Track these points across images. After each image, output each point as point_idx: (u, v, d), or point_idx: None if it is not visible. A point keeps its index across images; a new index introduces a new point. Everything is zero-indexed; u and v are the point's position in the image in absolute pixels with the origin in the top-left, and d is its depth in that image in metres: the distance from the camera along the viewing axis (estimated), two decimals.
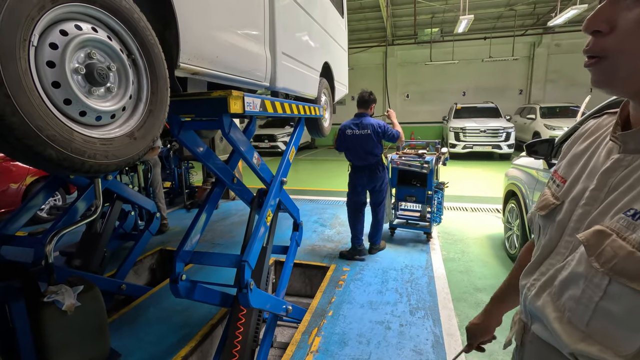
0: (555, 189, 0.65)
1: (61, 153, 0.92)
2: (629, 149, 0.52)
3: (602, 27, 0.48)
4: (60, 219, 2.33)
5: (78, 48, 0.98)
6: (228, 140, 1.73)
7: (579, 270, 0.52)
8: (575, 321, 0.53)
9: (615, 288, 0.47)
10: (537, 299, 0.60)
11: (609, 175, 0.54)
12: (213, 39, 1.58)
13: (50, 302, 1.59)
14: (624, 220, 0.48)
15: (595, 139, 0.63)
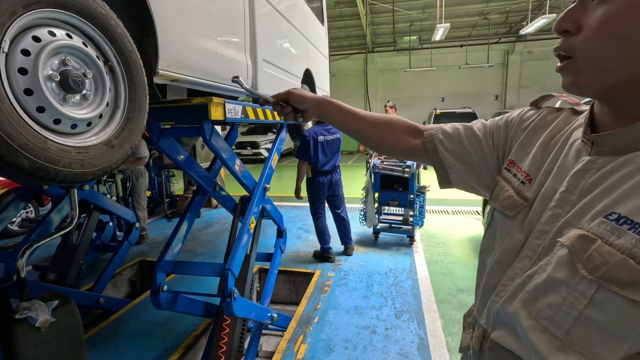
0: (520, 186, 0.63)
1: (34, 162, 0.89)
2: (602, 151, 0.52)
3: (570, 27, 0.50)
4: (33, 232, 2.23)
5: (52, 55, 0.95)
6: (209, 147, 1.72)
7: (559, 276, 0.50)
8: (552, 329, 0.51)
9: (602, 296, 0.46)
10: (509, 305, 0.58)
11: (580, 177, 0.53)
12: (193, 46, 1.57)
13: (23, 318, 1.52)
14: (606, 224, 0.47)
15: (558, 138, 0.62)
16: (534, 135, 0.66)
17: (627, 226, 0.44)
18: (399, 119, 0.86)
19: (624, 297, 0.43)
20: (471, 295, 2.84)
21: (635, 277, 0.43)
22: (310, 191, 3.52)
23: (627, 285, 0.43)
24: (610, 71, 0.47)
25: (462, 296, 2.86)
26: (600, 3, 0.46)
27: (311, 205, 3.56)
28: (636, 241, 0.43)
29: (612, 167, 0.50)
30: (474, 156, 0.75)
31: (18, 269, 1.70)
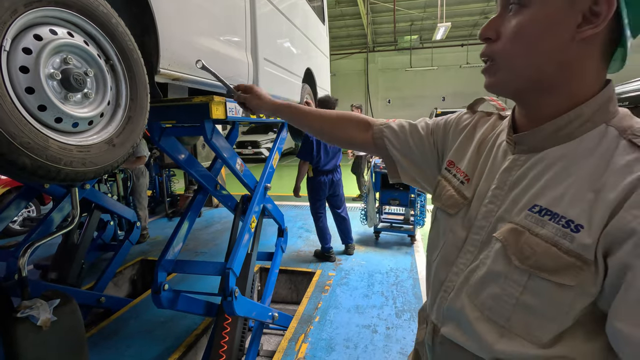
0: (460, 186, 0.67)
1: (36, 161, 0.89)
2: (522, 149, 0.58)
3: (492, 35, 0.55)
4: (35, 231, 2.24)
5: (53, 53, 0.95)
6: (210, 147, 1.72)
7: (497, 268, 0.55)
8: (495, 318, 0.55)
9: (534, 283, 0.51)
10: (456, 301, 0.61)
11: (507, 174, 0.58)
12: (194, 45, 1.57)
13: (25, 317, 1.52)
14: (531, 217, 0.52)
15: (488, 140, 0.67)
16: (470, 138, 0.71)
17: (548, 217, 0.50)
18: (351, 114, 0.93)
19: (552, 282, 0.49)
20: None
21: (559, 263, 0.48)
22: (310, 191, 3.51)
23: (553, 271, 0.49)
24: (521, 74, 0.54)
25: None
26: (514, 15, 0.52)
27: (312, 205, 3.54)
28: (556, 230, 0.49)
29: (531, 164, 0.56)
30: (416, 153, 0.81)
31: (19, 268, 1.70)
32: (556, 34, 0.50)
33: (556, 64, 0.51)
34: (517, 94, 0.57)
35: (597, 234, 0.46)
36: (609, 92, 0.53)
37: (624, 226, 0.44)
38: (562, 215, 0.49)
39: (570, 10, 0.48)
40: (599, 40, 0.50)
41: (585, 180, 0.49)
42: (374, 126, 0.87)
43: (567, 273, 0.48)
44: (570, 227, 0.48)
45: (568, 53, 0.50)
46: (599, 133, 0.52)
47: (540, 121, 0.55)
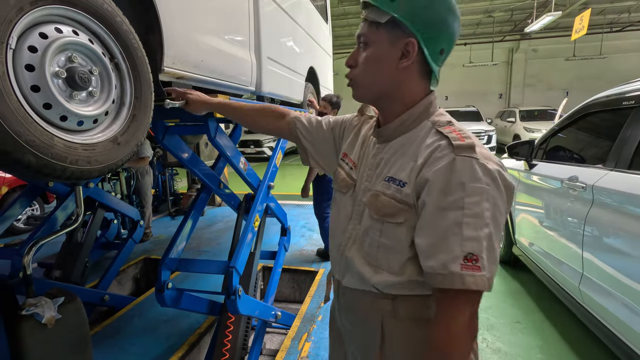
0: (350, 171, 0.90)
1: (41, 159, 0.89)
2: (380, 140, 0.84)
3: (352, 63, 0.81)
4: (39, 229, 2.25)
5: (58, 51, 0.95)
6: (214, 145, 1.71)
7: (367, 223, 0.80)
8: (371, 260, 0.79)
9: (385, 227, 0.76)
10: (349, 253, 0.84)
11: (375, 159, 0.83)
12: (198, 43, 1.57)
13: (29, 315, 1.53)
14: (383, 184, 0.77)
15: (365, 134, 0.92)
16: (357, 135, 0.95)
17: (392, 182, 0.75)
18: (270, 106, 1.15)
19: (393, 223, 0.74)
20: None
21: (396, 209, 0.73)
22: (318, 190, 3.47)
23: (393, 215, 0.74)
24: (369, 90, 0.80)
25: None
26: (362, 51, 0.78)
27: (318, 205, 3.49)
28: (395, 189, 0.74)
29: (386, 150, 0.81)
30: (321, 144, 1.04)
31: (24, 266, 1.71)
32: (385, 64, 0.75)
33: (390, 83, 0.77)
34: (372, 103, 0.86)
35: (412, 185, 0.71)
36: (429, 99, 0.79)
37: (423, 177, 0.69)
38: (398, 179, 0.74)
39: (393, 49, 0.74)
40: (415, 68, 0.75)
41: (411, 155, 0.75)
42: (288, 117, 1.09)
43: (400, 214, 0.73)
44: (401, 184, 0.74)
45: (396, 76, 0.76)
46: (423, 126, 0.77)
47: (389, 120, 0.81)
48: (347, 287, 0.87)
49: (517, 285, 2.97)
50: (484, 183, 0.64)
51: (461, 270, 0.62)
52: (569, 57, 13.29)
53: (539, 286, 2.90)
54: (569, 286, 2.14)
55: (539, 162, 2.67)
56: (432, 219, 0.66)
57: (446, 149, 0.68)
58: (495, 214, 0.64)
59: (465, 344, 0.64)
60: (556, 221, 2.33)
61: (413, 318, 0.77)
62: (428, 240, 0.67)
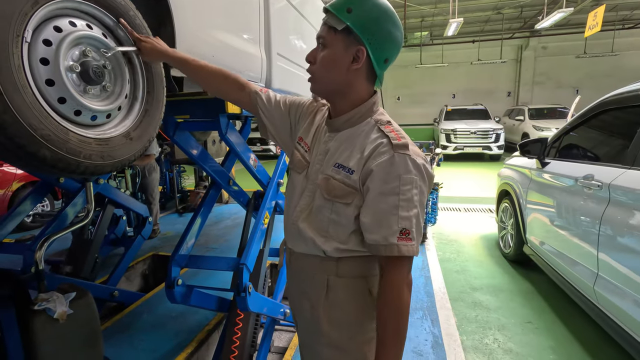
0: (304, 153, 1.02)
1: (56, 154, 0.89)
2: (330, 130, 0.98)
3: (312, 60, 0.93)
4: (50, 225, 2.26)
5: (73, 45, 0.95)
6: (225, 142, 1.71)
7: (319, 203, 0.94)
8: (322, 233, 0.94)
9: (336, 206, 0.91)
10: (302, 225, 0.97)
11: (325, 146, 0.97)
12: (209, 38, 1.56)
13: (42, 310, 1.53)
14: (333, 170, 0.91)
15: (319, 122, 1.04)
16: (312, 121, 1.06)
17: (341, 169, 0.90)
18: (230, 73, 1.17)
19: (342, 203, 0.90)
20: (485, 294, 2.80)
21: (344, 192, 0.89)
22: None
23: (342, 196, 0.90)
24: (325, 86, 0.94)
25: (477, 294, 2.82)
26: (321, 51, 0.91)
27: None
28: (344, 175, 0.89)
29: (335, 139, 0.96)
30: (278, 121, 1.12)
31: (36, 261, 1.72)
32: (338, 65, 0.89)
33: (341, 82, 0.90)
34: (326, 97, 0.99)
35: (359, 173, 0.87)
36: (374, 100, 0.95)
37: (368, 168, 0.85)
38: (347, 167, 0.89)
39: (346, 53, 0.87)
40: (363, 71, 0.90)
41: (358, 147, 0.90)
42: (247, 89, 1.13)
43: (348, 197, 0.89)
44: (349, 172, 0.89)
45: (347, 76, 0.90)
46: (366, 122, 0.93)
47: (339, 113, 0.95)
48: (299, 253, 1.02)
49: (527, 285, 2.93)
50: (413, 174, 0.83)
51: (398, 241, 0.82)
52: (579, 55, 13.08)
53: (550, 286, 2.86)
54: (582, 286, 2.10)
55: (551, 161, 2.63)
56: (374, 202, 0.84)
57: (387, 146, 0.85)
58: (421, 198, 0.85)
59: (406, 293, 0.85)
60: (570, 220, 2.29)
61: (352, 276, 0.96)
62: (371, 219, 0.85)
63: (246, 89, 1.14)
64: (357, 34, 0.84)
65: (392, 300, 0.85)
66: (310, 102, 1.11)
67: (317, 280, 0.99)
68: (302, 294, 1.05)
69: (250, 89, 1.13)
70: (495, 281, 3.00)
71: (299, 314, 1.09)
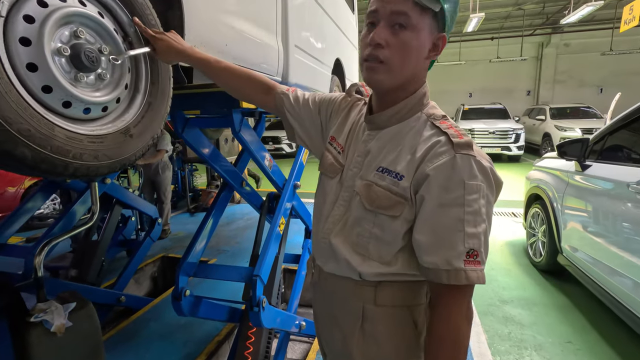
0: (337, 155, 0.88)
1: (38, 152, 0.74)
2: (371, 127, 0.82)
3: (382, 42, 0.71)
4: (54, 226, 2.14)
5: (61, 24, 0.80)
6: (238, 139, 1.55)
7: (358, 214, 0.78)
8: (360, 250, 0.79)
9: (379, 219, 0.75)
10: (334, 240, 0.82)
11: (365, 146, 0.82)
12: (222, 25, 1.40)
13: (38, 322, 1.41)
14: (377, 175, 0.76)
15: (355, 119, 0.89)
16: (346, 118, 0.92)
17: (387, 173, 0.75)
18: (257, 75, 1.04)
19: (388, 216, 0.74)
20: (517, 307, 2.57)
21: (391, 202, 0.74)
22: None
23: (388, 207, 0.74)
24: (399, 76, 0.74)
25: (507, 308, 2.60)
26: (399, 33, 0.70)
27: None
28: (390, 181, 0.74)
29: (377, 138, 0.80)
30: (307, 123, 1.00)
31: (35, 267, 1.59)
32: (420, 51, 0.73)
33: (413, 73, 0.75)
34: (389, 91, 0.77)
35: (410, 179, 0.72)
36: (425, 89, 0.80)
37: (423, 172, 0.70)
38: (394, 171, 0.74)
39: (429, 39, 0.73)
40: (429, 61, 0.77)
41: (407, 147, 0.74)
42: (274, 91, 1.01)
43: (396, 208, 0.73)
44: (397, 177, 0.73)
45: (421, 65, 0.75)
46: (417, 118, 0.78)
47: (384, 108, 0.79)
48: (328, 273, 0.87)
49: (563, 298, 2.70)
50: (479, 180, 0.67)
51: (465, 266, 0.66)
52: (605, 52, 12.53)
53: (590, 300, 2.62)
54: (630, 301, 1.88)
55: (593, 163, 2.40)
56: (433, 215, 0.69)
57: (446, 145, 0.70)
58: (489, 210, 0.69)
59: (466, 328, 0.69)
60: (616, 228, 2.06)
61: (394, 305, 0.80)
62: (429, 236, 0.69)
63: (272, 92, 1.01)
64: (444, 19, 0.72)
65: (447, 338, 0.69)
66: (343, 97, 0.96)
67: (351, 308, 0.83)
68: (332, 321, 0.89)
69: (276, 91, 1.01)
70: (526, 293, 2.77)
71: (329, 344, 0.94)
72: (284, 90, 1.01)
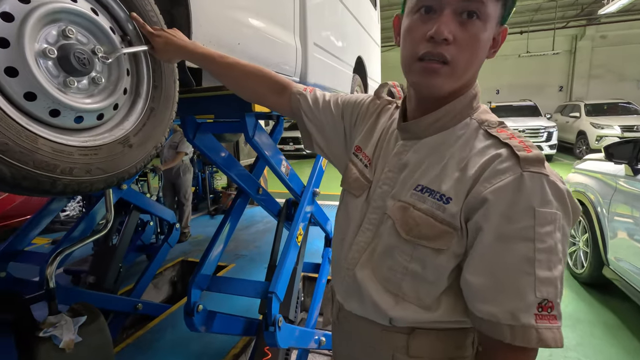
0: (363, 169, 0.74)
1: (18, 169, 0.65)
2: (407, 136, 0.69)
3: (449, 38, 0.56)
4: (72, 231, 2.12)
5: (47, 22, 0.71)
6: (252, 146, 1.44)
7: (391, 242, 0.64)
8: (391, 288, 0.65)
9: (419, 251, 0.61)
10: (360, 273, 0.68)
11: (397, 158, 0.68)
12: (234, 22, 1.30)
13: (47, 337, 1.36)
14: (415, 195, 0.62)
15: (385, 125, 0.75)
16: (375, 125, 0.78)
17: (427, 194, 0.61)
18: (269, 72, 0.90)
19: (430, 248, 0.59)
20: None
21: (435, 231, 0.59)
22: None
23: (431, 238, 0.59)
24: (462, 78, 0.60)
25: None
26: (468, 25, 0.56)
27: None
28: (432, 203, 0.60)
29: (414, 150, 0.66)
30: (327, 130, 0.86)
31: (47, 278, 1.55)
32: (486, 48, 0.61)
33: (474, 73, 0.62)
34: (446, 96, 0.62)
35: (460, 203, 0.57)
36: (475, 91, 0.65)
37: (478, 195, 0.55)
38: (437, 191, 0.60)
39: (492, 33, 0.60)
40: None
41: (454, 162, 0.60)
42: (289, 90, 0.88)
43: (442, 239, 0.58)
44: (443, 199, 0.59)
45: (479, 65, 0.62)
46: (465, 124, 0.63)
47: (423, 113, 0.65)
48: (350, 313, 0.73)
49: (610, 315, 2.44)
50: (554, 207, 0.52)
51: (536, 322, 0.51)
52: None
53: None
54: None
55: None
56: (492, 251, 0.54)
57: (509, 160, 0.55)
58: (565, 247, 0.55)
59: None
60: None
61: (432, 357, 0.65)
62: (486, 279, 0.54)
63: (287, 92, 0.88)
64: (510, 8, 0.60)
65: None
66: (371, 99, 0.82)
67: (378, 356, 0.70)
68: None
69: (292, 90, 0.88)
70: (568, 308, 2.53)
71: None
72: (301, 90, 0.88)
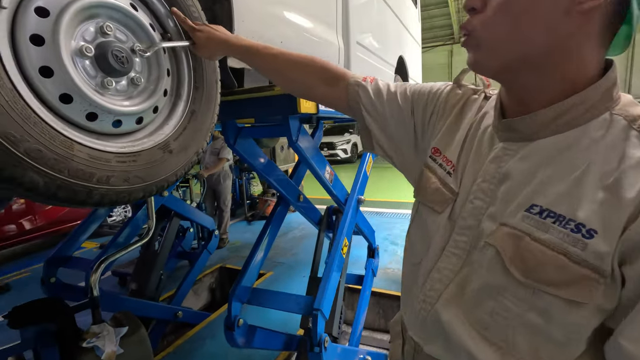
0: (446, 177, 0.58)
1: (52, 178, 0.59)
2: (513, 137, 0.50)
3: (477, 5, 0.47)
4: (117, 237, 2.14)
5: (84, 18, 0.65)
6: (295, 150, 1.35)
7: (495, 281, 0.47)
8: (494, 339, 0.48)
9: (542, 300, 0.43)
10: (443, 314, 0.53)
11: (496, 165, 0.51)
12: (276, 19, 1.22)
13: (90, 348, 1.34)
14: (530, 218, 0.45)
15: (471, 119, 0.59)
16: (458, 121, 0.61)
17: (551, 219, 0.43)
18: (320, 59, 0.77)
19: (560, 299, 0.42)
20: None
21: (569, 276, 0.41)
22: None
23: (562, 284, 0.42)
24: (504, 50, 0.46)
25: None
26: None
27: None
28: (564, 235, 0.42)
29: (523, 154, 0.49)
30: (393, 127, 0.70)
31: (90, 287, 1.55)
32: (548, 5, 0.42)
33: (546, 40, 0.44)
34: (500, 74, 0.50)
35: (614, 240, 0.39)
36: (614, 75, 0.45)
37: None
38: (568, 217, 0.42)
39: None
40: (599, 14, 0.41)
41: (593, 176, 0.42)
42: (346, 81, 0.73)
43: (580, 287, 0.41)
44: (582, 231, 0.41)
45: (561, 29, 0.42)
46: (603, 122, 0.44)
47: (531, 106, 0.48)
48: (431, 357, 0.57)
49: None
50: None
51: None
52: None
53: None
54: None
55: None
56: None
57: None
58: None
59: None
60: None
61: None
62: None
63: (342, 82, 0.73)
64: None
65: None
66: (451, 88, 0.64)
67: None
68: None
69: (348, 81, 0.73)
70: None
71: None
72: (359, 79, 0.72)
